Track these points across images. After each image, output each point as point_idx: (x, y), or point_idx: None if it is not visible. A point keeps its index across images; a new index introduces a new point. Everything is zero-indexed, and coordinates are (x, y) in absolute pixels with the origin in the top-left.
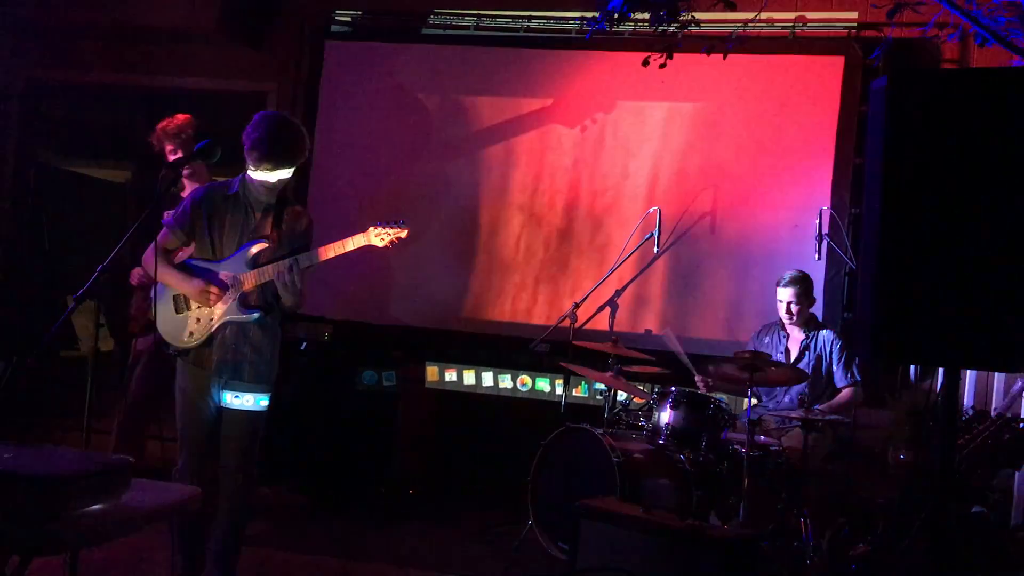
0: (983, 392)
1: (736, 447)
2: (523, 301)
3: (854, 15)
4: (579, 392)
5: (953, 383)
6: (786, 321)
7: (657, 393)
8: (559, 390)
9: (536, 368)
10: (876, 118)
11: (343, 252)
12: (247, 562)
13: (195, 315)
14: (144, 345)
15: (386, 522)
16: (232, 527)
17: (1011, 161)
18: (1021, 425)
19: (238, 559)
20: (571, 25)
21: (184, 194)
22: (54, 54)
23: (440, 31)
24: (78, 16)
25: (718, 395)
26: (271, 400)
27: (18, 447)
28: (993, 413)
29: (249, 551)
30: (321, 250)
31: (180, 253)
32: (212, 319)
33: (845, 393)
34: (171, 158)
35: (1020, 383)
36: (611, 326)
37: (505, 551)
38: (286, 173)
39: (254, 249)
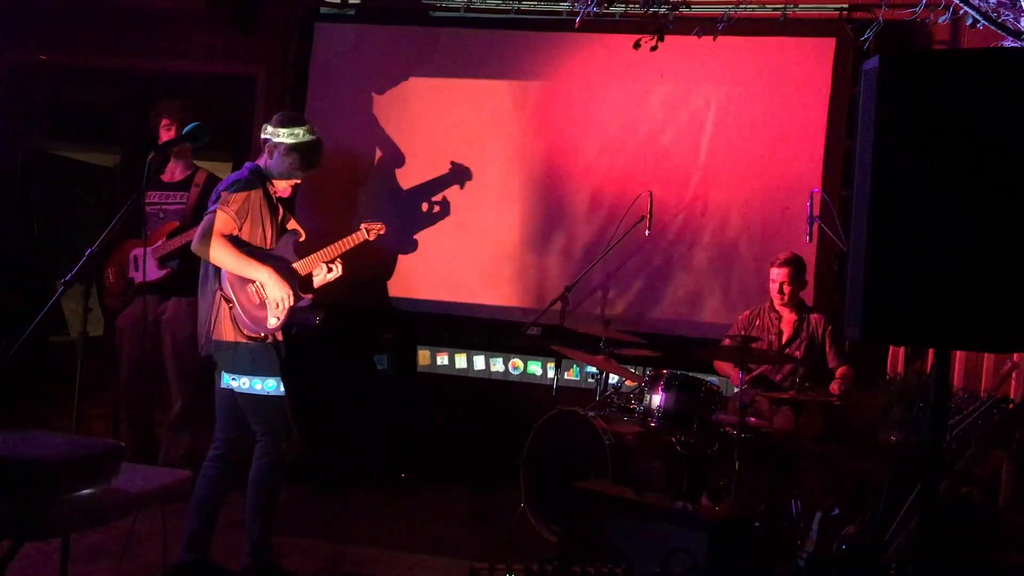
0: (974, 373)
1: (727, 429)
2: (515, 284)
3: None
4: (571, 375)
5: (943, 364)
6: (777, 302)
7: (649, 375)
8: (551, 373)
9: (528, 351)
10: (867, 99)
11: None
12: (235, 545)
13: (273, 301)
14: (125, 322)
15: (377, 505)
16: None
17: (1001, 142)
18: (1010, 406)
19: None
20: (562, 7)
21: (165, 176)
22: (41, 37)
23: (431, 12)
24: None
25: (710, 378)
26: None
27: (8, 432)
28: (983, 394)
29: (239, 534)
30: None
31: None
32: (285, 305)
33: (845, 370)
34: (163, 134)
35: (1009, 364)
36: (602, 309)
37: (498, 534)
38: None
39: (293, 237)
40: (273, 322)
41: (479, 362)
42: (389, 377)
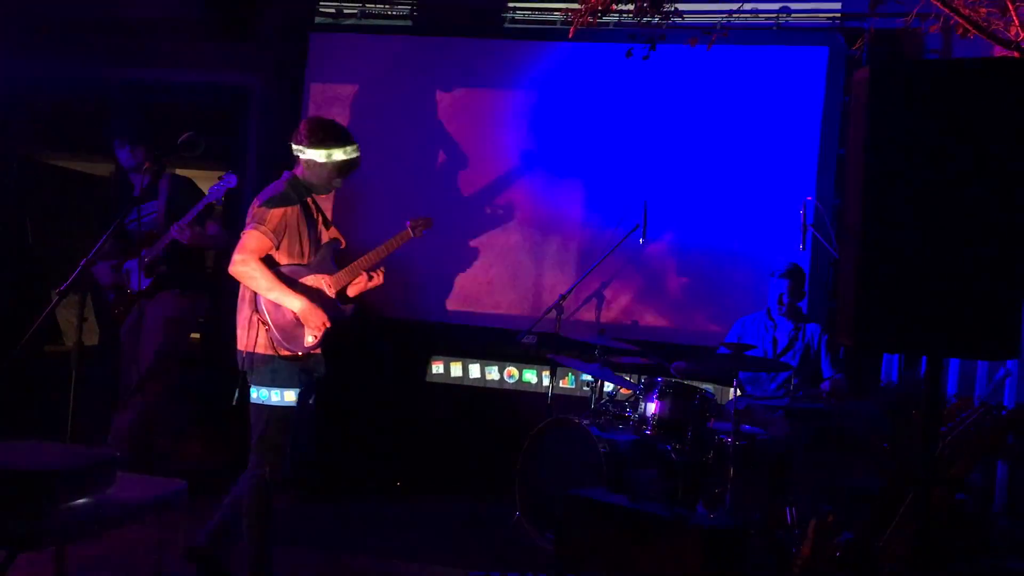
0: (967, 380)
1: (722, 437)
2: (510, 293)
3: (838, 5)
4: (566, 383)
5: (935, 371)
6: (775, 311)
7: (643, 384)
8: (546, 381)
9: (523, 360)
10: (858, 109)
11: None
12: (239, 556)
13: (310, 328)
14: (124, 330)
15: (373, 514)
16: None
17: (991, 150)
18: (1003, 413)
19: None
20: (555, 17)
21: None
22: (36, 46)
23: (425, 23)
24: (61, 8)
25: (704, 385)
26: None
27: (3, 442)
28: (976, 401)
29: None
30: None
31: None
32: (321, 331)
33: (838, 380)
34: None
35: (1003, 371)
36: (597, 317)
37: (493, 542)
38: None
39: (333, 249)
40: (310, 340)
41: (474, 370)
42: (387, 386)
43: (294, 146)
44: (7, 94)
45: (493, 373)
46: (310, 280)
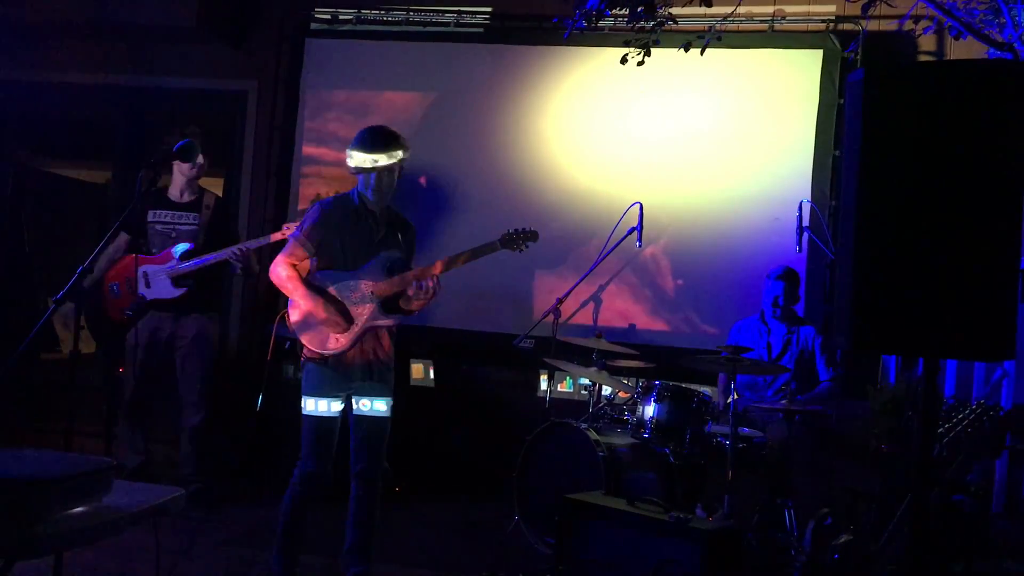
0: (964, 382)
1: (720, 439)
2: (507, 297)
3: (831, 9)
4: (564, 387)
5: (932, 373)
6: (770, 314)
7: (641, 387)
8: (544, 385)
9: (521, 364)
10: (852, 111)
11: (472, 260)
12: (228, 562)
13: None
14: (137, 339)
15: None
16: (369, 528)
17: (987, 151)
18: (1000, 414)
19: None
20: (553, 24)
21: (173, 195)
22: (32, 53)
23: (420, 28)
24: (57, 14)
25: (702, 388)
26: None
27: None
28: (973, 402)
29: (230, 550)
30: (445, 261)
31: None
32: (356, 326)
33: (825, 386)
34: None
35: (1000, 372)
36: (595, 321)
37: (491, 547)
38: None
39: (388, 259)
40: (333, 343)
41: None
42: None
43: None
44: (4, 101)
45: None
46: (351, 286)
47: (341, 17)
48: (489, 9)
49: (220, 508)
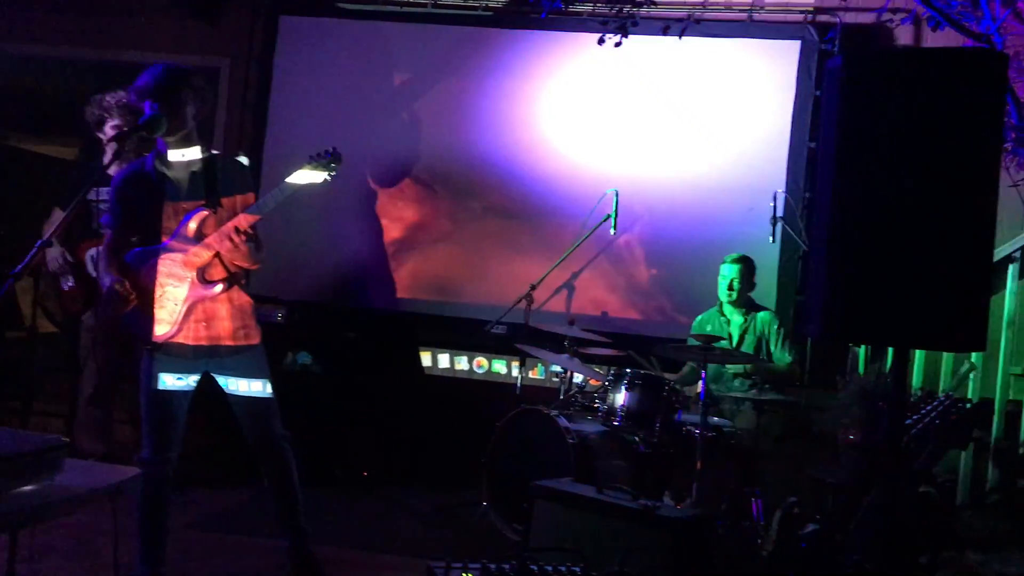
0: (932, 374)
1: (690, 428)
2: (480, 282)
3: (810, 0)
4: (535, 374)
5: (902, 363)
6: (725, 299)
7: (613, 375)
8: (516, 372)
9: (493, 350)
10: (830, 98)
11: (287, 196)
12: (197, 546)
13: (159, 304)
14: (94, 322)
15: (339, 504)
16: (296, 495)
17: (961, 140)
18: (967, 406)
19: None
20: (529, 6)
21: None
22: (2, 25)
23: (397, 8)
24: None
25: (673, 377)
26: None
27: None
28: (940, 394)
29: (200, 535)
30: (261, 202)
31: None
32: (176, 304)
33: (785, 367)
34: (109, 133)
35: (967, 364)
36: (568, 308)
37: (460, 532)
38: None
39: (193, 223)
40: (161, 328)
41: (444, 360)
42: (353, 376)
43: None
44: None
45: (462, 363)
46: (165, 260)
47: None
48: None
49: (184, 491)
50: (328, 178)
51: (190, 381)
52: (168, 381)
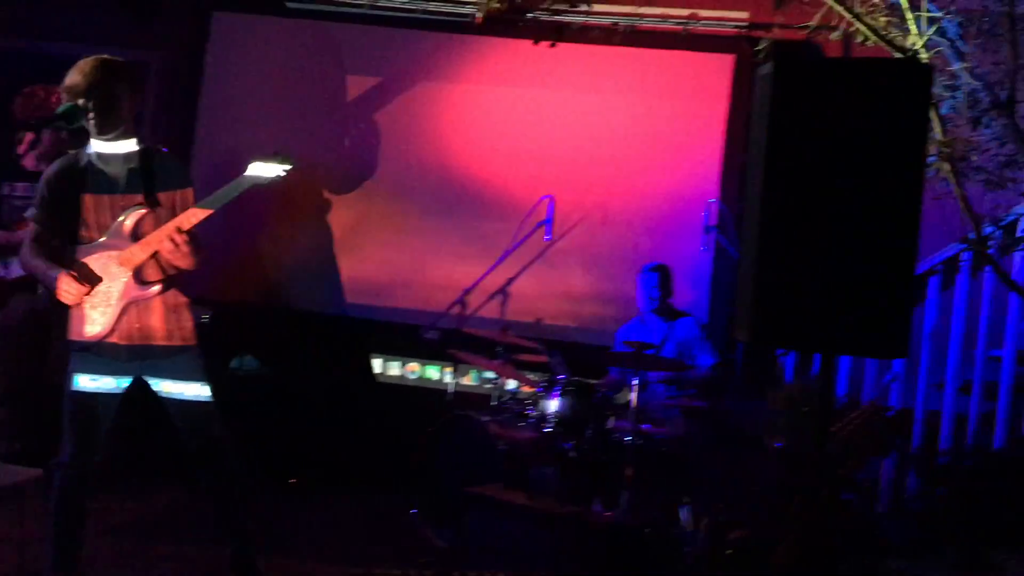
0: (856, 382)
1: (621, 435)
2: (413, 287)
3: (745, 15)
4: (468, 380)
5: (828, 370)
6: (647, 308)
7: (546, 381)
8: (448, 378)
9: (425, 355)
10: (761, 105)
11: (243, 190)
12: (133, 557)
13: (91, 303)
14: (7, 320)
15: (264, 512)
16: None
17: (885, 151)
18: (890, 414)
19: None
20: (468, 10)
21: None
22: None
23: (335, 8)
24: None
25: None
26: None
27: None
28: (864, 402)
29: (137, 546)
30: (214, 196)
31: None
32: (111, 304)
33: (705, 371)
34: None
35: (890, 374)
36: (502, 314)
37: (389, 539)
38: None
39: (129, 220)
40: (91, 326)
41: (376, 365)
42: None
43: None
44: None
45: (394, 368)
46: (99, 258)
47: None
48: None
49: (97, 496)
50: (282, 173)
51: (120, 383)
52: (93, 383)
